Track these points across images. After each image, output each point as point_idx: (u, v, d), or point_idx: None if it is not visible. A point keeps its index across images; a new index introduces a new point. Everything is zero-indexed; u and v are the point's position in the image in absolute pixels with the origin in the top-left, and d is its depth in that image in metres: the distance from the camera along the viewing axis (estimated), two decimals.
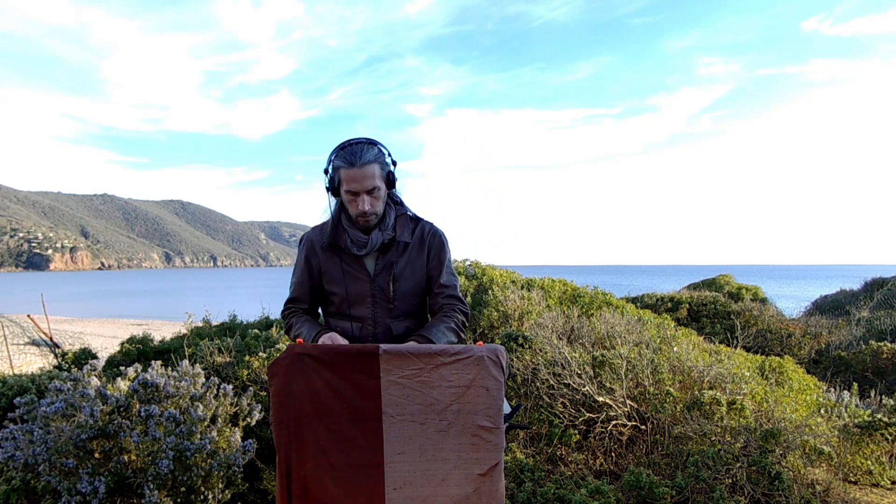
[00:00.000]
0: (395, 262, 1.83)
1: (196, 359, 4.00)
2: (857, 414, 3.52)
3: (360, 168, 1.71)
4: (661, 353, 3.91)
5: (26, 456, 2.47)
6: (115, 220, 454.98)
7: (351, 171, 1.71)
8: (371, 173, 1.72)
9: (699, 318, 8.27)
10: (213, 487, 2.51)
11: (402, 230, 1.84)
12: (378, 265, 1.83)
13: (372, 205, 1.75)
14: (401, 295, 1.84)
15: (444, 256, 1.90)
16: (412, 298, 1.87)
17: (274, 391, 1.57)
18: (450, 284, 1.90)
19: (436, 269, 1.89)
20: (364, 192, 1.73)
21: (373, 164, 1.73)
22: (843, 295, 11.91)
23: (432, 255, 1.88)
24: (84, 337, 13.19)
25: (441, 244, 1.89)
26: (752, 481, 2.81)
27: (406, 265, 1.84)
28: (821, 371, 5.77)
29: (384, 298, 1.83)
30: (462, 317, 1.88)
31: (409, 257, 1.85)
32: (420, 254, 1.86)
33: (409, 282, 1.85)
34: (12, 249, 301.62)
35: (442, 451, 1.57)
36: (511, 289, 5.57)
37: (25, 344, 9.60)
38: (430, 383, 1.58)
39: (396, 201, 1.88)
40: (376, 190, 1.75)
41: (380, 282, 1.82)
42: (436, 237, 1.89)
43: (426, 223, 1.91)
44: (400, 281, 1.83)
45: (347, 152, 1.73)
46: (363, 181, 1.72)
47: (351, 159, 1.71)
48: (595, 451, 3.39)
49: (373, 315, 1.84)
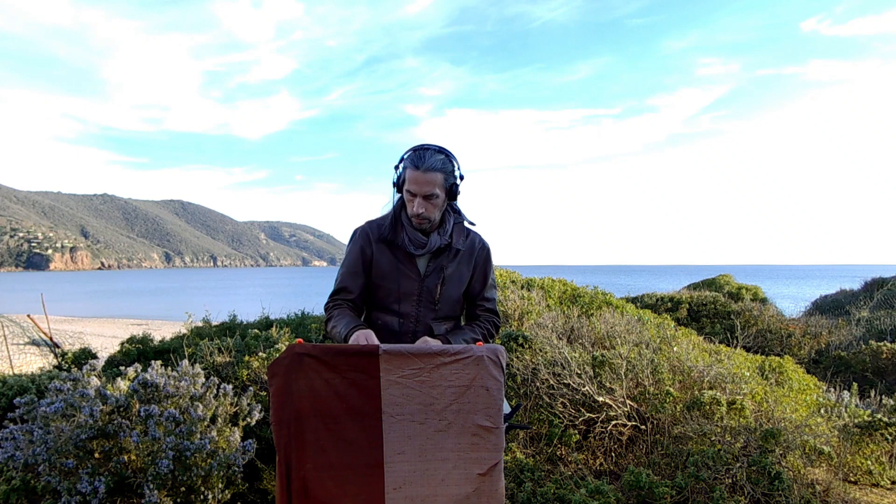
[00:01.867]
0: (445, 266, 1.91)
1: (196, 359, 4.00)
2: (857, 414, 3.52)
3: (423, 172, 1.78)
4: (661, 353, 3.91)
5: (26, 456, 2.47)
6: (115, 220, 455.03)
7: (414, 174, 1.79)
8: (432, 180, 1.79)
9: (699, 318, 8.27)
10: (213, 487, 2.51)
11: (458, 238, 1.93)
12: (429, 266, 1.90)
13: (427, 210, 1.82)
14: (446, 298, 1.92)
15: (489, 270, 2.01)
16: (455, 304, 1.96)
17: (274, 391, 1.57)
18: (491, 298, 2.03)
19: (480, 283, 2.00)
20: (421, 195, 1.80)
21: (436, 172, 1.80)
22: (843, 295, 11.90)
23: (478, 268, 1.98)
24: (84, 337, 13.19)
25: (488, 259, 2.00)
26: (752, 481, 2.81)
27: (455, 271, 1.93)
28: (821, 371, 5.77)
29: (430, 299, 1.90)
30: (493, 329, 2.00)
31: (458, 264, 1.93)
32: (468, 263, 1.96)
33: (455, 287, 1.94)
34: (12, 249, 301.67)
35: (442, 451, 1.57)
36: (511, 289, 5.57)
37: (25, 344, 9.60)
38: (430, 383, 1.58)
39: (456, 210, 1.96)
40: (434, 197, 1.81)
41: (429, 283, 1.90)
42: (484, 250, 1.99)
43: (477, 234, 2.01)
44: (448, 285, 1.92)
45: (417, 155, 1.81)
46: (423, 185, 1.79)
47: (417, 162, 1.79)
48: (595, 451, 3.39)
49: (416, 313, 1.91)
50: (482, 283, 2.00)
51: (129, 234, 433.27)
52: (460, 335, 1.90)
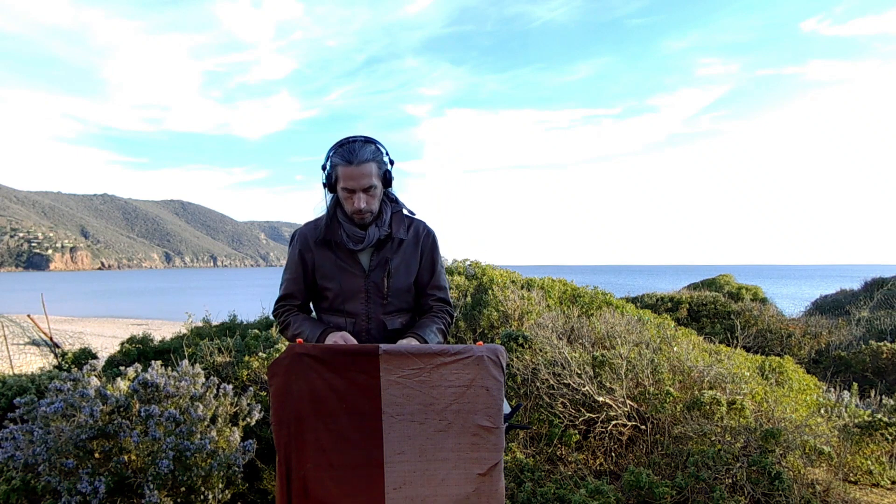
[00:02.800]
0: (390, 259, 1.84)
1: (196, 359, 4.00)
2: (857, 414, 3.52)
3: (357, 166, 1.72)
4: (661, 353, 3.90)
5: (26, 456, 2.47)
6: (115, 220, 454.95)
7: (348, 169, 1.73)
8: (368, 172, 1.73)
9: (699, 317, 8.27)
10: (213, 487, 2.51)
11: (398, 227, 1.86)
12: (373, 261, 1.84)
13: (367, 202, 1.76)
14: (395, 291, 1.86)
15: (436, 257, 1.93)
16: (405, 295, 1.89)
17: (274, 391, 1.58)
18: (441, 286, 1.95)
19: (428, 270, 1.92)
20: (360, 189, 1.74)
21: (370, 163, 1.74)
22: (843, 295, 11.90)
23: (425, 255, 1.91)
24: (84, 337, 13.19)
25: (434, 244, 1.93)
26: (752, 481, 2.81)
27: (401, 262, 1.86)
28: (821, 371, 5.77)
29: (378, 294, 1.84)
30: (449, 319, 1.93)
31: (403, 254, 1.87)
32: (414, 252, 1.89)
33: (403, 278, 1.87)
34: (12, 249, 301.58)
35: (442, 451, 1.57)
36: (511, 289, 5.57)
37: (25, 344, 9.60)
38: (430, 383, 1.58)
39: (392, 199, 1.90)
40: (372, 188, 1.76)
41: (374, 277, 1.84)
42: (430, 237, 1.92)
43: (420, 222, 1.93)
44: (394, 277, 1.85)
45: (345, 150, 1.75)
46: (360, 179, 1.73)
47: (348, 157, 1.73)
48: (595, 451, 3.39)
49: (366, 310, 1.85)
50: (430, 271, 1.92)
51: (129, 234, 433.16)
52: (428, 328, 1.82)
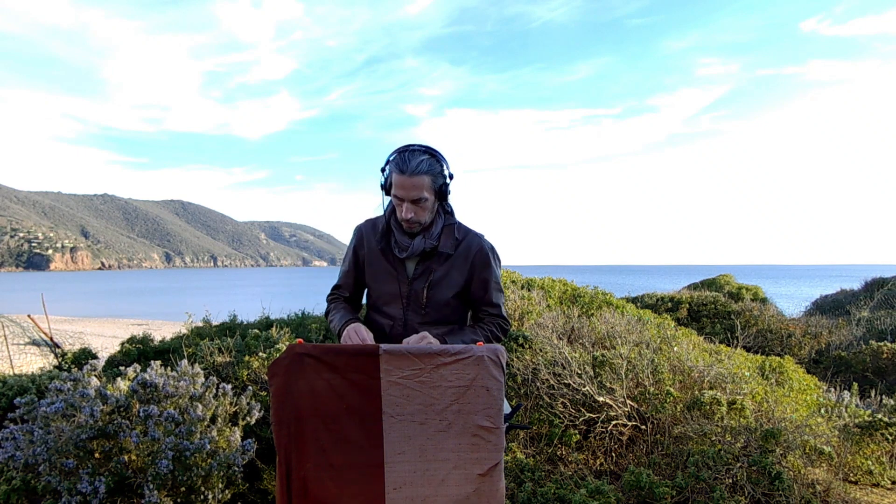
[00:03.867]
0: (433, 270, 1.84)
1: (196, 359, 4.00)
2: (858, 414, 3.52)
3: (409, 177, 1.72)
4: (662, 353, 3.90)
5: (26, 456, 2.47)
6: (115, 220, 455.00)
7: (401, 178, 1.73)
8: (419, 184, 1.73)
9: (699, 317, 8.27)
10: (213, 487, 2.51)
11: (447, 241, 1.84)
12: (417, 270, 1.85)
13: (416, 214, 1.77)
14: (434, 303, 1.85)
15: (489, 275, 1.88)
16: (446, 308, 1.87)
17: (274, 391, 1.57)
18: (496, 304, 1.91)
19: (480, 288, 1.88)
20: (409, 200, 1.75)
21: (423, 175, 1.73)
22: (843, 295, 11.90)
23: (476, 273, 1.87)
24: (84, 337, 13.20)
25: (486, 263, 1.87)
26: (752, 481, 2.81)
27: (444, 275, 1.85)
28: (821, 371, 5.77)
29: (417, 303, 1.85)
30: (499, 332, 1.91)
31: (448, 268, 1.85)
32: (462, 267, 1.86)
33: (445, 292, 1.85)
34: (12, 249, 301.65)
35: (442, 452, 1.57)
36: (511, 289, 5.57)
37: (25, 344, 9.60)
38: (431, 383, 1.58)
39: (448, 211, 1.89)
40: (422, 200, 1.76)
41: (415, 286, 1.85)
42: (482, 255, 1.87)
43: (475, 238, 1.89)
44: (435, 289, 1.84)
45: (402, 158, 1.74)
46: (410, 190, 1.73)
47: (402, 166, 1.73)
48: (595, 451, 3.39)
49: (403, 316, 1.87)
50: (483, 288, 1.88)
51: (129, 234, 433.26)
52: (460, 336, 1.83)
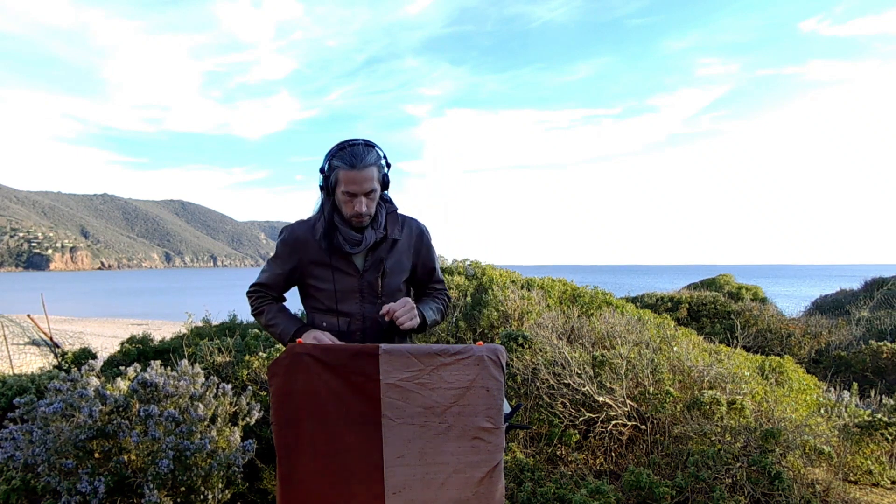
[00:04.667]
0: (384, 259, 1.87)
1: (196, 358, 4.00)
2: (857, 414, 3.52)
3: (361, 171, 1.73)
4: (661, 353, 3.90)
5: (26, 456, 2.47)
6: (115, 220, 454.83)
7: (351, 173, 1.73)
8: (370, 176, 1.75)
9: (699, 317, 8.27)
10: (213, 487, 2.51)
11: (392, 228, 1.88)
12: (367, 261, 1.86)
13: (368, 206, 1.78)
14: (389, 290, 1.88)
15: (432, 254, 1.99)
16: (399, 294, 1.91)
17: (274, 391, 1.57)
18: (439, 280, 2.03)
19: (426, 268, 1.98)
20: (362, 193, 1.75)
21: (372, 167, 1.76)
22: (843, 295, 11.90)
23: (422, 254, 1.95)
24: (84, 337, 13.19)
25: (428, 242, 1.97)
26: (752, 481, 2.81)
27: (395, 262, 1.89)
28: (821, 371, 5.77)
29: (372, 294, 1.86)
30: (447, 300, 2.02)
31: (397, 254, 1.89)
32: (408, 251, 1.92)
33: (397, 277, 1.90)
34: (12, 249, 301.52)
35: (442, 455, 1.57)
36: (511, 289, 5.57)
37: (25, 344, 9.60)
38: (430, 385, 1.57)
39: (386, 199, 1.92)
40: (373, 192, 1.78)
41: (368, 277, 1.85)
42: (423, 235, 1.96)
43: (411, 220, 1.96)
44: (389, 277, 1.87)
45: (348, 154, 1.75)
46: (362, 183, 1.74)
47: (352, 161, 1.73)
48: (595, 450, 3.39)
49: (361, 310, 1.86)
50: (429, 269, 1.98)
51: (129, 234, 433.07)
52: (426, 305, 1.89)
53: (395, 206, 1.93)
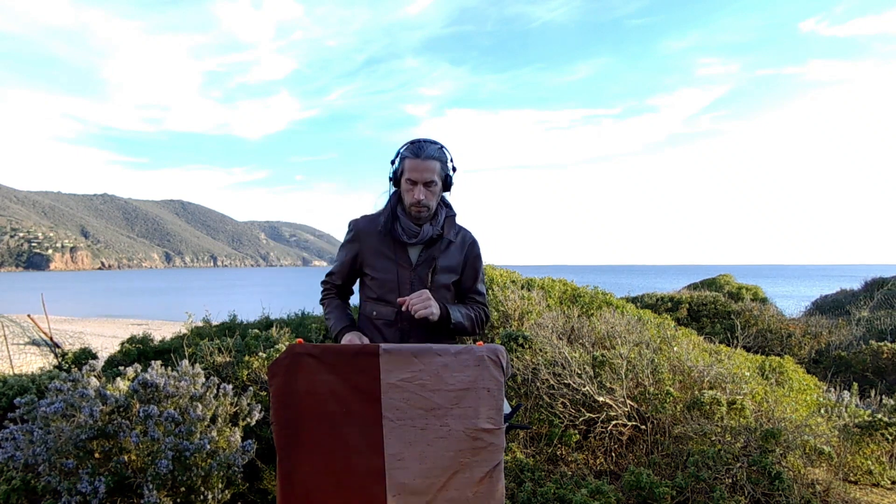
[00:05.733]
0: (436, 257, 1.98)
1: (196, 359, 4.00)
2: (858, 414, 3.52)
3: (423, 160, 1.88)
4: (662, 353, 3.90)
5: (26, 456, 2.47)
6: (115, 220, 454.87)
7: (414, 162, 1.89)
8: (431, 167, 1.89)
9: (699, 317, 8.27)
10: (213, 487, 2.51)
11: (449, 229, 2.01)
12: (421, 257, 1.97)
13: (426, 196, 1.90)
14: (437, 287, 1.97)
15: (479, 266, 2.09)
16: (444, 292, 2.01)
17: (274, 391, 1.57)
18: (481, 293, 2.11)
19: (471, 277, 2.08)
20: (422, 182, 1.89)
21: (434, 160, 1.90)
22: (843, 295, 11.90)
23: (469, 263, 2.06)
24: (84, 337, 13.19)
25: (478, 255, 2.09)
26: (752, 481, 2.81)
27: (447, 262, 2.00)
28: (821, 371, 5.77)
29: (422, 287, 1.94)
30: (483, 314, 2.08)
31: (449, 255, 2.00)
32: (459, 256, 2.03)
33: (446, 277, 2.00)
34: (12, 249, 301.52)
35: (442, 459, 1.57)
36: (511, 289, 5.56)
37: (25, 344, 9.60)
38: (431, 386, 1.57)
39: (447, 204, 2.05)
40: (433, 184, 1.90)
41: (420, 272, 1.96)
42: (475, 247, 2.08)
43: (467, 231, 2.09)
44: (439, 274, 1.98)
45: (416, 145, 1.92)
46: (423, 172, 1.88)
47: (417, 151, 1.90)
48: (595, 451, 3.39)
49: None
50: (473, 277, 2.07)
51: (129, 234, 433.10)
52: (457, 308, 1.96)
53: (455, 213, 2.05)
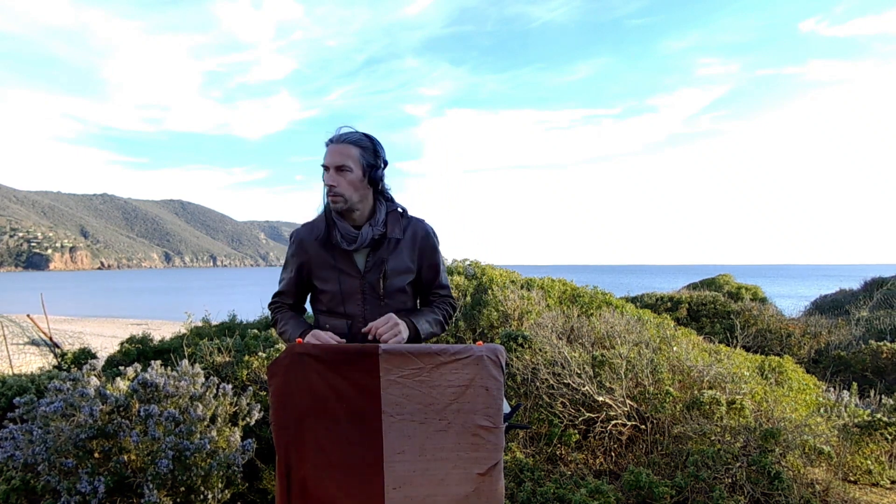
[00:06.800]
0: (385, 259, 1.79)
1: (196, 358, 4.00)
2: (857, 413, 3.52)
3: (336, 144, 1.72)
4: (661, 353, 3.91)
5: (26, 456, 2.47)
6: (114, 220, 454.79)
7: (329, 147, 1.74)
8: (343, 151, 1.71)
9: (699, 317, 8.27)
10: (213, 487, 2.51)
11: (393, 227, 1.80)
12: (368, 262, 1.79)
13: (339, 184, 1.71)
14: (391, 292, 1.80)
15: (437, 258, 1.89)
16: (402, 295, 1.84)
17: (273, 391, 1.57)
18: (444, 285, 1.92)
19: (431, 271, 1.88)
20: (333, 167, 1.71)
21: (349, 145, 1.72)
22: (843, 295, 11.90)
23: (426, 257, 1.86)
24: (84, 337, 13.19)
25: (434, 246, 1.88)
26: (751, 481, 2.81)
27: (397, 263, 1.81)
28: (820, 371, 5.77)
29: (374, 295, 1.79)
30: (450, 310, 1.91)
31: (400, 255, 1.81)
32: (411, 252, 1.83)
33: (399, 279, 1.82)
34: (12, 249, 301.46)
35: (442, 451, 1.57)
36: (511, 288, 5.57)
37: (25, 344, 9.60)
38: (430, 383, 1.58)
39: (387, 198, 1.85)
40: (346, 169, 1.71)
41: (370, 278, 1.78)
42: (429, 237, 1.87)
43: (418, 221, 1.87)
44: (391, 278, 1.80)
45: (335, 132, 1.76)
46: (334, 156, 1.71)
47: (332, 137, 1.75)
48: (595, 450, 3.39)
49: (363, 312, 1.79)
50: (434, 272, 1.88)
51: (128, 234, 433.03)
52: (422, 316, 1.80)
53: (397, 205, 1.85)
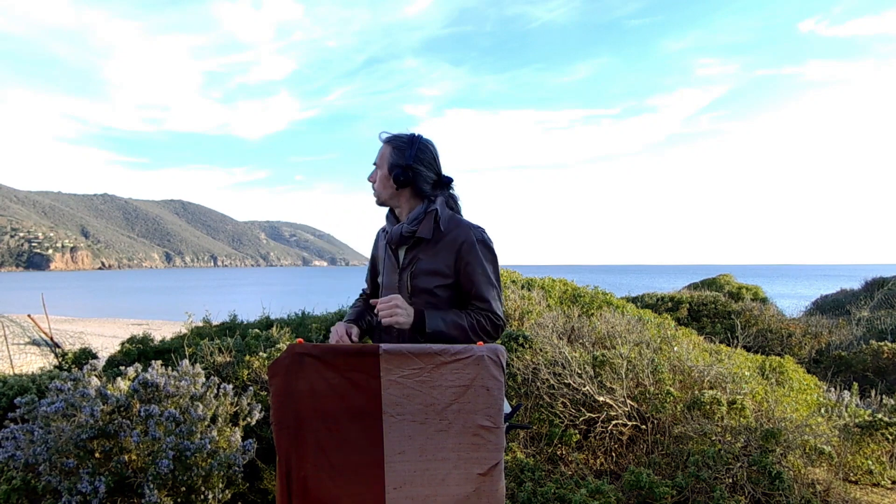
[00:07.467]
0: (419, 259, 1.77)
1: (196, 358, 4.00)
2: (858, 414, 3.52)
3: (381, 143, 1.85)
4: (662, 353, 3.91)
5: (27, 456, 2.47)
6: (115, 220, 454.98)
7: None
8: (382, 149, 1.84)
9: (699, 317, 8.27)
10: (214, 487, 2.51)
11: (426, 227, 1.76)
12: (406, 259, 1.82)
13: (373, 178, 1.86)
14: (418, 291, 1.76)
15: (475, 266, 1.75)
16: (431, 298, 1.76)
17: (274, 391, 1.57)
18: (485, 298, 1.75)
19: (467, 281, 1.76)
20: (374, 164, 1.86)
21: (385, 144, 1.83)
22: (844, 295, 11.90)
23: (462, 263, 1.75)
24: (84, 337, 13.19)
25: (473, 253, 1.75)
26: (752, 481, 2.81)
27: (429, 264, 1.76)
28: (821, 371, 5.76)
29: (405, 292, 1.78)
30: (487, 324, 1.74)
31: (432, 257, 1.76)
32: (448, 258, 1.75)
33: (427, 281, 1.75)
34: (12, 249, 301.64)
35: (442, 451, 1.57)
36: (511, 289, 5.57)
37: (26, 344, 9.60)
38: (431, 383, 1.58)
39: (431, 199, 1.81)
40: (378, 167, 1.84)
41: (404, 276, 1.80)
42: (468, 244, 1.75)
43: (467, 227, 1.78)
44: (418, 278, 1.76)
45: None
46: (378, 155, 1.85)
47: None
48: (595, 450, 3.39)
49: None
50: (469, 280, 1.74)
51: (129, 234, 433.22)
52: (439, 314, 1.70)
53: (438, 207, 1.78)
